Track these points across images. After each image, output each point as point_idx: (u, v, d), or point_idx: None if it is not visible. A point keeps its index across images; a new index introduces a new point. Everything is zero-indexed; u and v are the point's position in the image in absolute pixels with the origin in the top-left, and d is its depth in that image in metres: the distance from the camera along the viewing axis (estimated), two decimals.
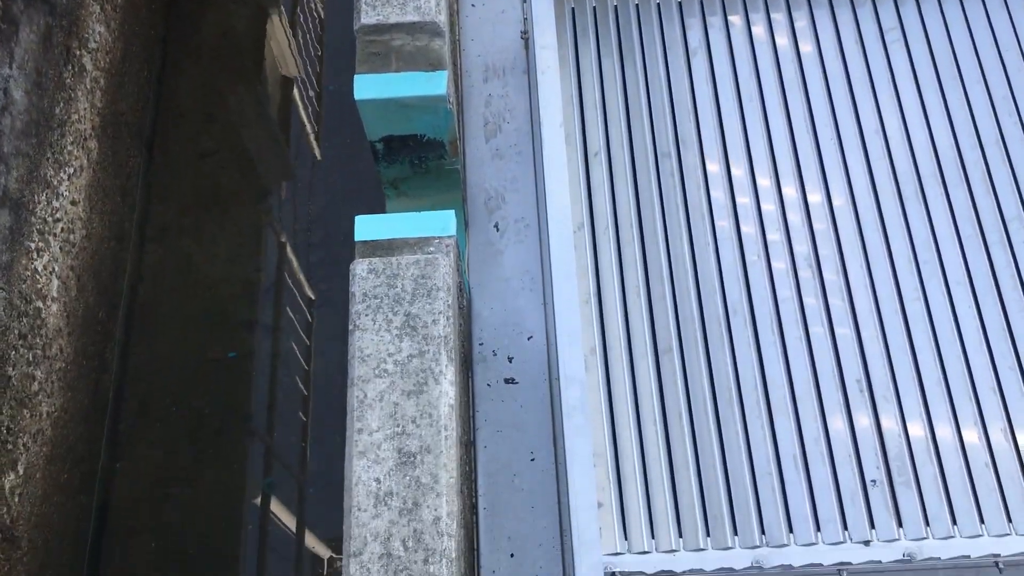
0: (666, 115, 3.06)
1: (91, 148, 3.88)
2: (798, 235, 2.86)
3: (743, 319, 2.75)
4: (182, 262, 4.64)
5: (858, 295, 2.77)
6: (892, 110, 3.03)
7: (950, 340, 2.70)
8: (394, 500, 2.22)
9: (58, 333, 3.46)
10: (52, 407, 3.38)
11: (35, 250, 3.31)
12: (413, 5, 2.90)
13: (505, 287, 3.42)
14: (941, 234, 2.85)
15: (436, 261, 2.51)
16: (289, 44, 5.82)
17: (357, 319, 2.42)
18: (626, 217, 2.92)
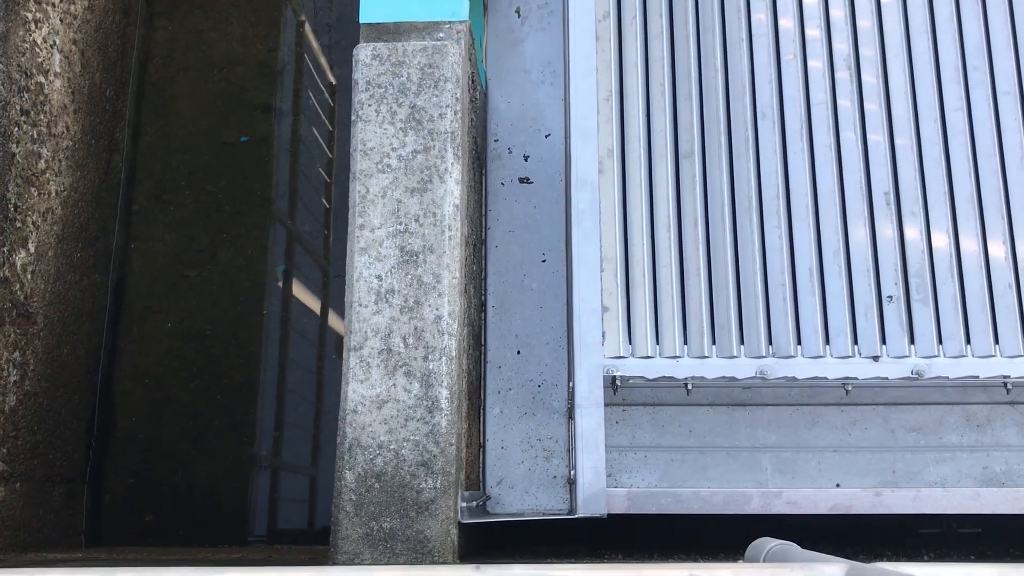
0: None
1: None
2: (839, 32, 2.65)
3: (771, 123, 2.59)
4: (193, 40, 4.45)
5: (896, 101, 2.59)
6: None
7: (989, 154, 2.54)
8: (395, 298, 2.19)
9: (63, 110, 3.36)
10: (61, 186, 3.33)
11: (32, 20, 3.15)
12: None
13: (524, 79, 3.25)
14: (996, 38, 2.62)
15: (445, 49, 2.35)
16: None
17: (360, 109, 2.30)
18: (656, 7, 2.71)
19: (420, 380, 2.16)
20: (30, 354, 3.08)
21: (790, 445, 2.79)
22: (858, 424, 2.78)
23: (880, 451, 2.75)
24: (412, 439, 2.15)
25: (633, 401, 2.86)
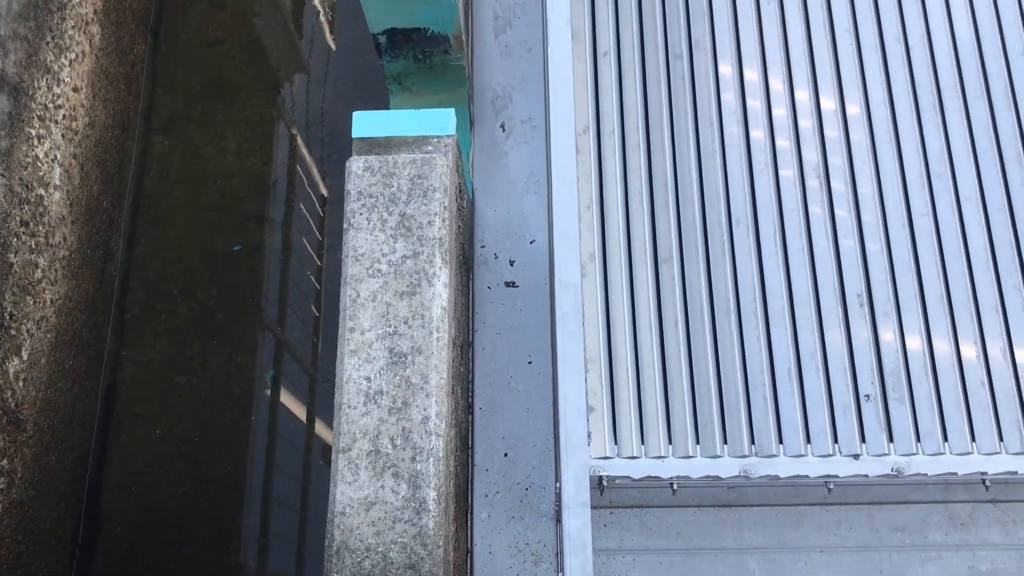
0: (680, 15, 2.95)
1: (93, 33, 3.80)
2: (808, 143, 2.79)
3: (746, 228, 2.70)
4: (189, 153, 4.60)
5: (865, 207, 2.71)
6: (915, 17, 2.91)
7: (956, 257, 2.65)
8: (384, 399, 2.23)
9: (61, 221, 3.46)
10: (56, 294, 3.40)
11: (36, 136, 3.28)
12: None
13: (509, 189, 3.38)
14: (956, 148, 2.76)
15: (433, 161, 2.47)
16: None
17: (352, 217, 2.39)
18: (633, 121, 2.85)
19: (408, 481, 2.19)
20: (18, 462, 3.09)
21: (777, 546, 2.80)
22: (843, 524, 2.80)
23: (866, 551, 2.76)
24: (400, 541, 2.16)
25: (620, 503, 2.88)
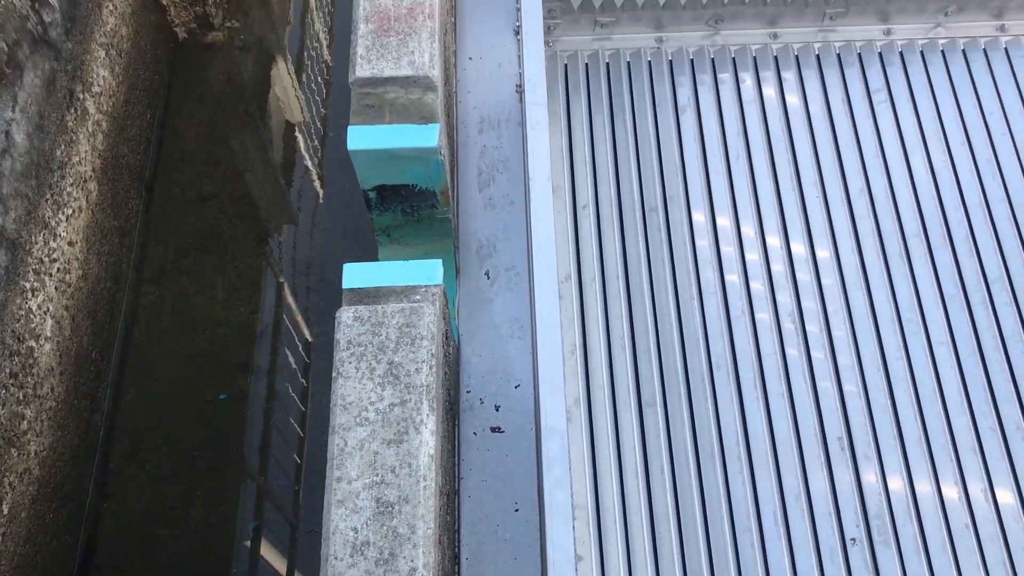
0: (654, 170, 3.10)
1: (91, 190, 3.94)
2: (782, 287, 2.89)
3: (726, 373, 2.76)
4: (179, 303, 4.68)
5: (840, 350, 2.79)
6: (878, 170, 3.08)
7: (932, 399, 2.71)
8: (371, 550, 2.22)
9: (50, 372, 3.48)
10: (41, 446, 3.39)
11: (30, 290, 3.35)
12: (408, 60, 2.96)
13: (494, 335, 3.45)
14: (924, 293, 2.87)
15: (421, 310, 2.54)
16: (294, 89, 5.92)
17: (340, 366, 2.44)
18: (613, 269, 2.96)
19: None
20: None
21: None
22: None
23: None
24: None
25: None
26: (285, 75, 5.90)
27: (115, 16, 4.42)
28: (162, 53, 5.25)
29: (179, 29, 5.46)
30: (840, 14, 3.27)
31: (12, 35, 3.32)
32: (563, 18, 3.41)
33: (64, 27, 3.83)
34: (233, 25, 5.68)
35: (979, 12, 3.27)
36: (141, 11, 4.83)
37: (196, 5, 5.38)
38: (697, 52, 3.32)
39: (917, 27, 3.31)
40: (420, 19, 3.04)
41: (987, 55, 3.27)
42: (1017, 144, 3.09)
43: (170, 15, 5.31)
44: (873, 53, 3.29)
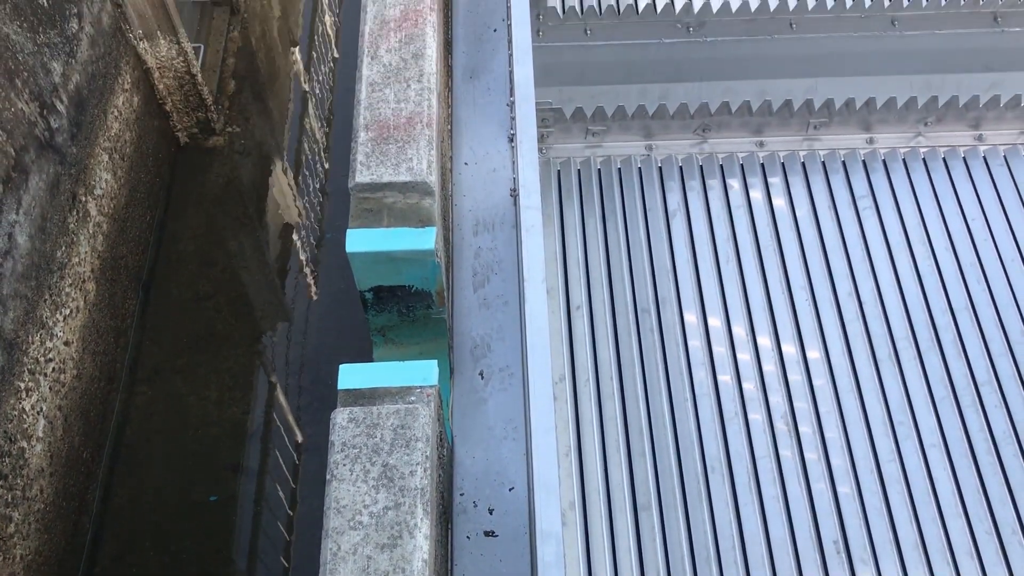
0: (646, 273, 3.16)
1: (89, 290, 3.97)
2: (774, 388, 2.92)
3: (721, 476, 2.76)
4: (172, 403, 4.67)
5: (834, 452, 2.80)
6: (865, 274, 3.14)
7: (926, 503, 2.71)
8: None
9: (40, 473, 3.45)
10: (27, 550, 3.34)
11: (24, 390, 3.35)
12: (406, 166, 3.04)
13: (488, 436, 3.44)
14: (915, 396, 2.90)
15: (416, 411, 2.55)
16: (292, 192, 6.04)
17: (335, 469, 2.44)
18: (607, 370, 2.98)
19: None
20: None
21: None
22: None
23: None
24: None
25: None
26: (283, 178, 6.03)
27: (120, 121, 4.54)
28: (164, 156, 5.37)
29: (181, 134, 5.60)
30: (824, 124, 3.39)
31: (20, 140, 3.41)
32: (556, 127, 3.52)
33: (70, 132, 3.94)
34: (234, 130, 5.83)
35: (957, 123, 3.40)
36: (145, 116, 4.97)
37: (198, 111, 5.53)
38: (686, 159, 3.42)
39: (898, 136, 3.42)
40: (419, 128, 3.14)
41: (967, 163, 3.38)
42: (1000, 249, 3.17)
43: (172, 120, 5.46)
44: (857, 161, 3.39)
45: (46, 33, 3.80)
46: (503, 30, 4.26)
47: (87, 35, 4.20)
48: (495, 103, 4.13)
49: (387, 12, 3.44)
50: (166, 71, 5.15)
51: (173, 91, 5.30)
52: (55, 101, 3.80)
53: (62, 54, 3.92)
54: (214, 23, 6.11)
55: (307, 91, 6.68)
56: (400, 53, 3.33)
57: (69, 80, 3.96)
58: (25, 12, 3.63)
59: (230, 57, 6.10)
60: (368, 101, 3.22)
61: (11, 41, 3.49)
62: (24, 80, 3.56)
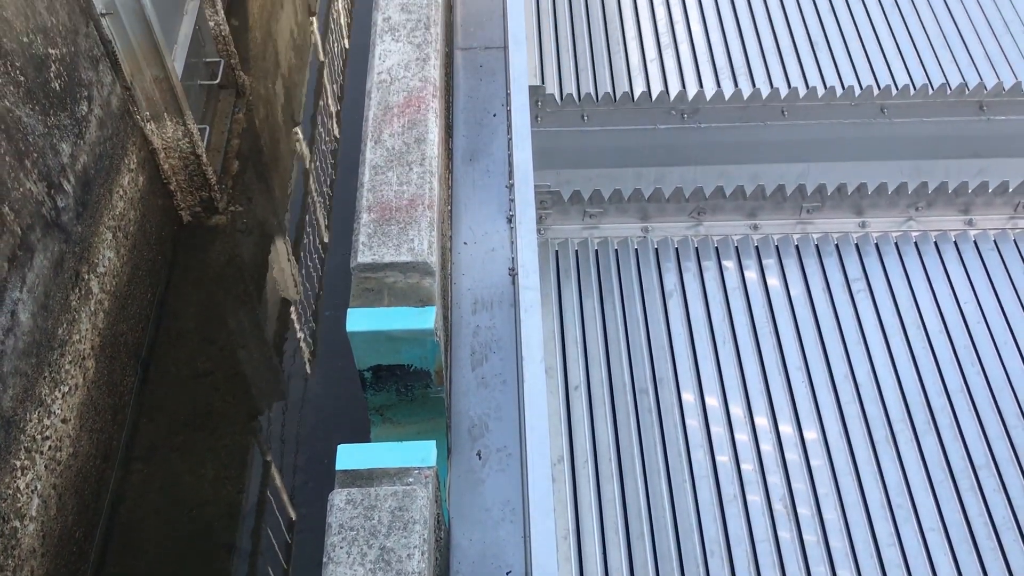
0: (644, 354, 3.19)
1: (88, 368, 3.98)
2: (772, 469, 2.91)
3: (720, 560, 2.74)
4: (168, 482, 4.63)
5: (832, 534, 2.78)
6: (861, 356, 3.17)
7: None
8: None
9: (32, 554, 3.42)
10: None
11: (20, 468, 3.33)
12: (407, 247, 3.09)
13: (486, 517, 3.41)
14: (913, 479, 2.90)
15: (414, 493, 2.55)
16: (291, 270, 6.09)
17: (331, 551, 2.42)
18: (605, 451, 2.98)
19: None
20: None
21: None
22: None
23: None
24: None
25: None
26: (283, 256, 6.09)
27: (124, 200, 4.61)
28: (166, 234, 5.43)
29: (184, 212, 5.68)
30: (816, 208, 3.46)
31: (27, 219, 3.46)
32: (554, 208, 3.59)
33: (76, 211, 4.00)
34: (236, 209, 5.91)
35: (947, 207, 3.47)
36: (149, 195, 5.05)
37: (202, 190, 5.62)
38: (682, 242, 3.48)
39: (890, 220, 3.49)
40: (420, 209, 3.20)
41: (958, 247, 3.44)
42: (993, 333, 3.20)
43: (176, 199, 5.54)
44: (850, 244, 3.45)
45: (57, 115, 3.89)
46: (502, 115, 4.37)
47: (96, 117, 4.30)
48: (494, 185, 4.22)
49: (391, 98, 3.53)
50: (172, 151, 5.25)
51: (178, 171, 5.39)
52: (62, 181, 3.86)
53: (71, 135, 4.01)
54: (220, 105, 6.25)
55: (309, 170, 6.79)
56: (403, 137, 3.41)
57: (77, 160, 4.04)
58: (38, 96, 3.73)
59: (235, 138, 6.22)
60: (371, 183, 3.29)
61: (23, 123, 3.57)
62: (34, 161, 3.64)
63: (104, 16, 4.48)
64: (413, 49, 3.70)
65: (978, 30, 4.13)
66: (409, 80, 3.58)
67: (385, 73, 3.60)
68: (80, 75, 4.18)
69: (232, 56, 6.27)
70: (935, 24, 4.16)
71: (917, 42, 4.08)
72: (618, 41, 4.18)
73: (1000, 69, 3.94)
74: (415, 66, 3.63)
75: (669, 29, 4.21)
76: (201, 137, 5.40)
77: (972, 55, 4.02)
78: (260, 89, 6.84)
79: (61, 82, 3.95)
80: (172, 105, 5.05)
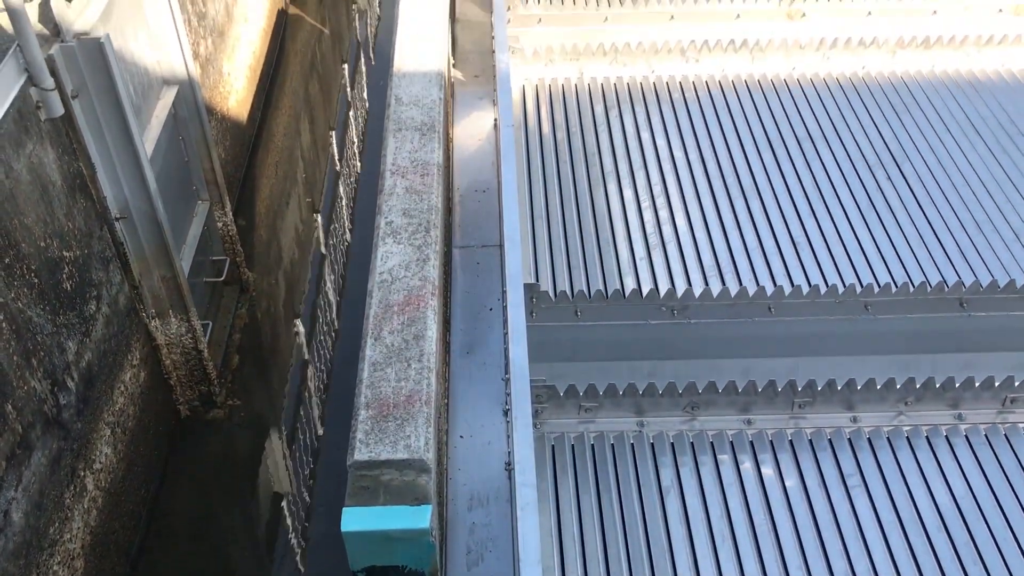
0: (642, 554, 3.15)
1: (76, 568, 3.90)
2: None
3: None
4: None
5: None
6: (859, 552, 3.13)
7: None
8: None
9: None
10: None
11: None
12: (404, 443, 3.12)
13: None
14: None
15: None
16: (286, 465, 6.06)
17: None
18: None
19: None
20: None
21: None
22: None
23: None
24: None
25: None
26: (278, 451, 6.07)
27: (125, 396, 4.66)
28: (164, 430, 5.44)
29: (183, 407, 5.71)
30: (808, 403, 3.51)
31: (28, 417, 3.50)
32: (549, 403, 3.64)
33: (77, 408, 4.04)
34: (234, 403, 5.95)
35: (936, 402, 3.53)
36: (149, 391, 5.10)
37: (201, 384, 5.67)
38: (677, 436, 3.51)
39: (881, 415, 3.54)
40: (417, 405, 3.25)
41: (949, 442, 3.47)
42: (992, 528, 3.18)
43: (176, 394, 5.59)
44: (843, 439, 3.48)
45: (66, 315, 4.01)
46: (498, 309, 4.50)
47: (103, 315, 4.42)
48: (490, 377, 4.28)
49: (391, 297, 3.66)
50: (174, 347, 5.35)
51: (179, 366, 5.47)
52: (66, 379, 3.93)
53: (78, 334, 4.11)
54: (224, 301, 6.41)
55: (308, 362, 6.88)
56: (402, 335, 3.51)
57: (82, 358, 4.11)
58: (50, 296, 3.85)
59: (236, 333, 6.34)
60: (370, 380, 3.35)
61: (33, 323, 3.67)
62: (40, 359, 3.71)
63: (118, 220, 4.69)
64: (414, 251, 3.86)
65: (951, 229, 4.32)
66: (409, 280, 3.72)
67: (387, 273, 3.74)
68: (91, 276, 4.33)
69: (238, 254, 6.49)
70: (910, 223, 4.37)
71: (895, 240, 4.27)
72: (608, 240, 4.37)
73: (976, 266, 4.11)
74: (415, 266, 3.79)
75: (657, 229, 4.41)
76: (204, 332, 5.51)
77: (948, 253, 4.19)
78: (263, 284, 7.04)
79: (72, 283, 4.09)
80: (178, 303, 5.20)
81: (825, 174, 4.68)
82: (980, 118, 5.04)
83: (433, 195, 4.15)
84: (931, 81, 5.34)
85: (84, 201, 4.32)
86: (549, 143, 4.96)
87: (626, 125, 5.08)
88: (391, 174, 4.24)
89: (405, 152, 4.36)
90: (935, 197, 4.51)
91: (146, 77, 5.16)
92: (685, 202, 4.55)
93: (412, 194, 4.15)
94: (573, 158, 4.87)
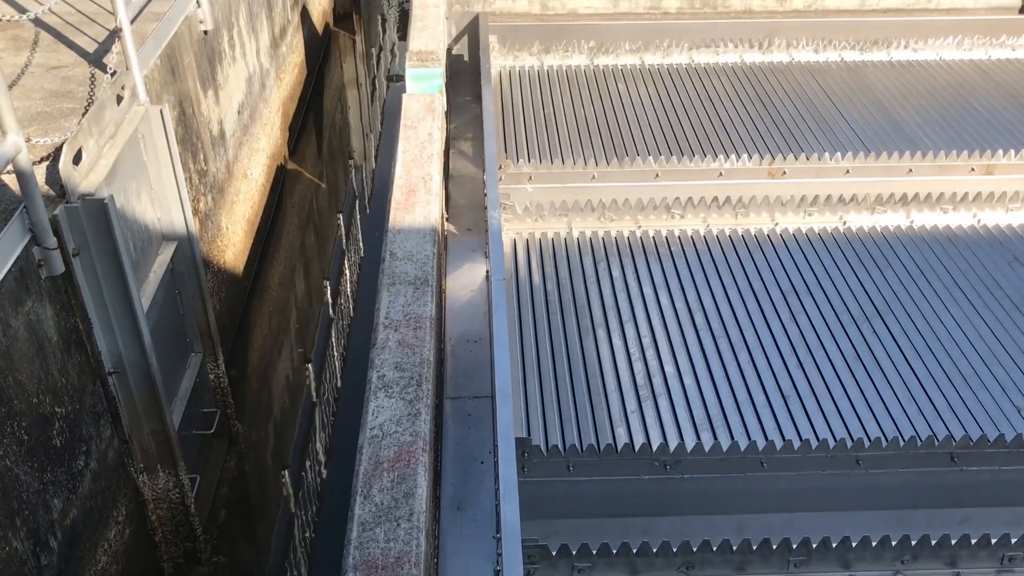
0: None
1: None
2: None
3: None
4: None
5: None
6: None
7: None
8: None
9: None
10: None
11: None
12: None
13: None
14: None
15: None
16: None
17: None
18: None
19: None
20: None
21: None
22: None
23: None
24: None
25: None
26: None
27: (108, 555, 4.55)
28: None
29: (167, 564, 5.56)
30: (803, 562, 3.47)
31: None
32: (542, 563, 3.58)
33: (58, 568, 3.94)
34: (219, 560, 5.79)
35: (933, 560, 3.48)
36: (133, 548, 4.98)
37: (187, 540, 5.54)
38: None
39: (878, 573, 3.48)
40: (406, 567, 3.20)
41: None
42: None
43: (160, 551, 5.45)
44: None
45: (53, 471, 3.96)
46: (489, 463, 4.47)
47: (91, 470, 4.37)
48: (481, 534, 4.21)
49: (382, 453, 3.64)
50: (161, 502, 5.26)
51: (165, 522, 5.36)
52: (49, 538, 3.85)
53: (64, 490, 4.05)
54: (212, 453, 6.34)
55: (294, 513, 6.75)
56: (392, 492, 3.48)
57: (67, 516, 4.05)
58: (38, 453, 3.83)
59: (224, 486, 6.25)
60: (359, 540, 3.30)
61: (20, 481, 3.63)
62: (24, 519, 3.65)
63: (112, 375, 4.70)
64: (405, 405, 3.87)
65: (938, 382, 4.37)
66: (400, 435, 3.72)
67: (377, 428, 3.74)
68: (81, 431, 4.31)
69: (229, 406, 6.47)
70: (897, 377, 4.41)
71: (883, 394, 4.30)
72: (599, 393, 4.39)
73: (964, 420, 4.13)
74: (406, 421, 3.79)
75: (647, 381, 4.44)
76: (191, 487, 5.43)
77: (936, 406, 4.22)
78: (252, 435, 6.98)
79: (62, 439, 4.07)
80: (167, 457, 5.14)
81: (811, 327, 4.76)
82: (960, 272, 5.17)
83: (425, 348, 4.20)
84: (910, 236, 5.50)
85: (79, 356, 4.35)
86: (540, 295, 5.05)
87: (615, 278, 5.19)
88: (384, 328, 4.30)
89: (398, 306, 4.43)
90: (920, 350, 4.57)
91: (146, 234, 5.29)
92: (675, 354, 4.60)
93: (405, 348, 4.19)
94: (563, 309, 4.95)
